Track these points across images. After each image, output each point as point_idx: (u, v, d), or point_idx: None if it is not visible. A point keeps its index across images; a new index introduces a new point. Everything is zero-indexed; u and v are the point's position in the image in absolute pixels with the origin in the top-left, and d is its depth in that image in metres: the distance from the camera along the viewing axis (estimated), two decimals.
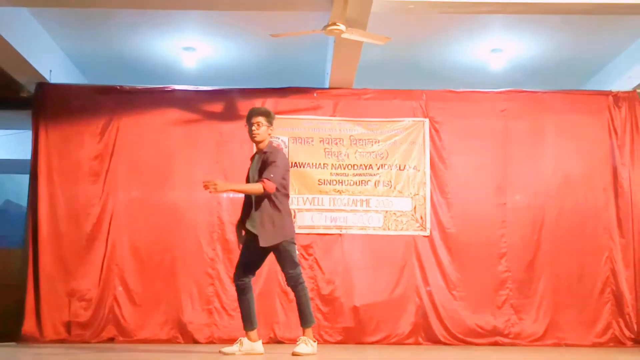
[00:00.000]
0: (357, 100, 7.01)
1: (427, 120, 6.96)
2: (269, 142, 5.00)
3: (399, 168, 6.88)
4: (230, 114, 6.78)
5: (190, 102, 6.92)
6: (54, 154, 6.74)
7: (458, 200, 6.83)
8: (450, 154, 6.92)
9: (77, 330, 6.44)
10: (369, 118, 6.95)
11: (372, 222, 6.78)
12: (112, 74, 7.35)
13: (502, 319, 6.61)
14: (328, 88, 7.03)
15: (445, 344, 6.48)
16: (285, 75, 7.22)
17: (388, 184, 6.85)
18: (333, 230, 6.77)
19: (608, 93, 7.04)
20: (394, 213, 6.79)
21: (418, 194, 6.83)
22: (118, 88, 6.89)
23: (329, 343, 6.45)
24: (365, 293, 6.62)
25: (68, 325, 6.46)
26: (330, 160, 6.87)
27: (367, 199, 6.81)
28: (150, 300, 6.54)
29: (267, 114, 4.99)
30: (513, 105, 6.99)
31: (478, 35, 6.71)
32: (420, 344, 6.51)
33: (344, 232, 6.77)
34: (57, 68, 6.95)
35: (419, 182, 6.85)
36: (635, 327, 6.59)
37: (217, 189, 4.67)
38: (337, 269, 6.69)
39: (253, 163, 5.04)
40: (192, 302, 6.54)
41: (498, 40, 6.85)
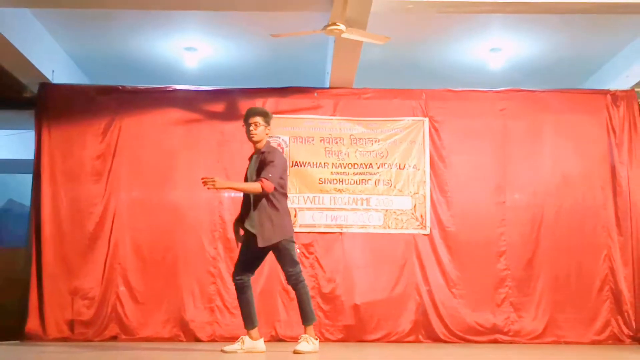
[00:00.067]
0: (357, 100, 7.02)
1: (426, 120, 6.97)
2: (267, 142, 4.99)
3: (399, 167, 6.88)
4: (232, 114, 6.79)
5: (192, 102, 6.93)
6: (57, 154, 6.76)
7: (458, 199, 6.84)
8: (450, 153, 6.93)
9: (80, 329, 6.45)
10: (369, 117, 6.96)
11: (372, 220, 6.78)
12: (114, 74, 7.35)
13: (501, 317, 6.61)
14: (328, 88, 7.04)
15: (445, 342, 6.49)
16: (286, 75, 7.22)
17: (388, 183, 6.86)
18: (334, 229, 6.78)
19: (606, 92, 7.06)
20: (394, 212, 6.79)
21: (418, 193, 6.84)
22: (120, 88, 6.91)
23: (330, 341, 6.46)
24: (366, 291, 6.63)
25: (71, 324, 6.47)
26: (331, 160, 6.88)
27: (367, 198, 6.82)
28: (153, 299, 6.55)
29: (264, 114, 4.98)
30: (512, 105, 7.01)
31: (477, 35, 6.70)
32: (421, 342, 6.53)
33: (345, 230, 6.78)
34: (59, 68, 6.96)
35: (419, 180, 6.86)
36: (634, 324, 6.61)
37: (215, 186, 4.66)
38: (337, 268, 6.70)
39: (251, 163, 5.02)
40: (194, 300, 6.55)
41: (497, 40, 6.85)
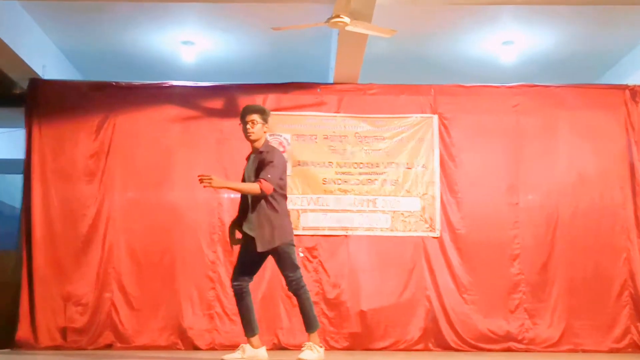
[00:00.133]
0: (362, 96, 6.97)
1: (435, 117, 6.92)
2: (265, 140, 5.00)
3: (407, 166, 6.83)
4: (231, 111, 6.74)
5: (189, 98, 6.90)
6: (48, 153, 6.71)
7: (468, 200, 6.78)
8: (460, 152, 6.87)
9: (73, 336, 6.40)
10: (375, 114, 6.91)
11: (379, 223, 6.73)
12: (107, 70, 7.37)
13: (515, 324, 6.53)
14: (332, 83, 7.01)
15: (456, 350, 6.45)
16: (288, 70, 7.22)
17: (395, 183, 6.80)
18: (338, 232, 6.73)
19: (624, 87, 6.99)
20: (402, 213, 6.73)
21: (427, 194, 6.78)
22: (114, 84, 6.88)
23: (335, 349, 6.42)
24: (373, 297, 6.58)
25: (64, 331, 6.42)
26: (335, 159, 6.83)
27: (373, 199, 6.76)
28: (149, 305, 6.51)
29: (261, 111, 4.98)
30: (525, 100, 6.95)
31: (488, 27, 6.68)
32: (430, 350, 6.49)
33: (350, 233, 6.74)
34: (50, 64, 6.93)
35: (428, 181, 6.81)
36: None
37: (212, 184, 4.66)
38: (343, 272, 6.65)
39: (249, 163, 5.02)
40: (192, 306, 6.51)
41: (509, 33, 6.82)
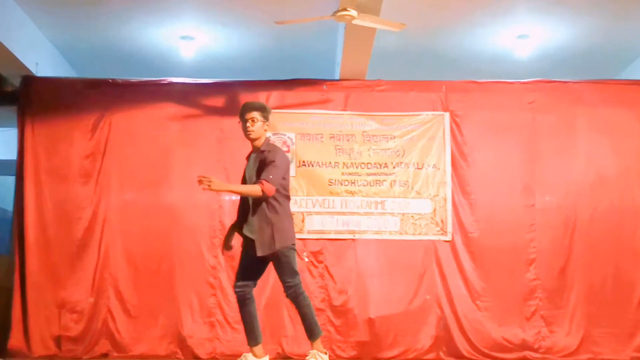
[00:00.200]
0: (370, 93, 6.91)
1: (447, 114, 6.85)
2: (266, 139, 4.94)
3: (417, 166, 6.76)
4: (232, 109, 6.58)
5: (189, 95, 6.85)
6: (42, 153, 6.67)
7: (482, 202, 6.69)
8: (473, 151, 6.79)
9: (67, 345, 6.34)
10: (384, 112, 6.84)
11: (387, 226, 6.65)
12: (103, 66, 7.35)
13: (531, 332, 6.43)
14: (338, 79, 6.95)
15: None
16: (292, 66, 7.21)
17: (405, 184, 6.73)
18: (345, 235, 6.66)
19: None
20: (412, 216, 6.66)
21: (438, 195, 6.71)
22: (110, 81, 6.84)
23: (342, 359, 6.34)
24: (381, 304, 6.50)
25: (58, 340, 6.36)
26: (342, 159, 6.76)
27: (382, 201, 6.69)
28: (147, 312, 6.45)
29: (262, 109, 4.91)
30: (541, 97, 6.86)
31: (501, 20, 6.58)
32: None
33: (358, 237, 6.66)
34: (44, 60, 6.89)
35: (439, 181, 6.73)
36: None
37: (211, 187, 4.60)
38: (350, 278, 6.58)
39: (249, 163, 4.96)
40: (192, 314, 6.44)
41: (524, 26, 6.72)
